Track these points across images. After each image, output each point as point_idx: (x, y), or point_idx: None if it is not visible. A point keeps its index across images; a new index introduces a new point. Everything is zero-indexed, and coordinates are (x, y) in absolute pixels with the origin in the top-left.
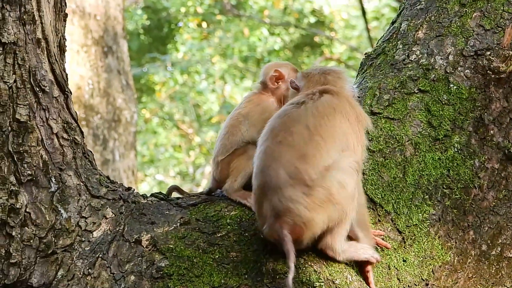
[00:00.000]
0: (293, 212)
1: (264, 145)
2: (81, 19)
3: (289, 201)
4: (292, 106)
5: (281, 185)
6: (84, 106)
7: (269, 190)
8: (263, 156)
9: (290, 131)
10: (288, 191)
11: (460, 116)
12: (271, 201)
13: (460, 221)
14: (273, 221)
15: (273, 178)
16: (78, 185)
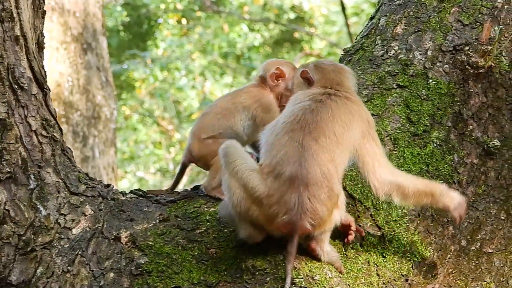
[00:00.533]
0: (317, 213)
1: (297, 135)
2: (60, 16)
3: (317, 201)
4: (317, 104)
5: (316, 183)
6: (64, 103)
7: (302, 183)
8: (300, 148)
9: (324, 133)
10: (319, 190)
11: (439, 111)
12: (300, 195)
13: (439, 216)
14: (298, 215)
15: (311, 173)
16: (57, 182)
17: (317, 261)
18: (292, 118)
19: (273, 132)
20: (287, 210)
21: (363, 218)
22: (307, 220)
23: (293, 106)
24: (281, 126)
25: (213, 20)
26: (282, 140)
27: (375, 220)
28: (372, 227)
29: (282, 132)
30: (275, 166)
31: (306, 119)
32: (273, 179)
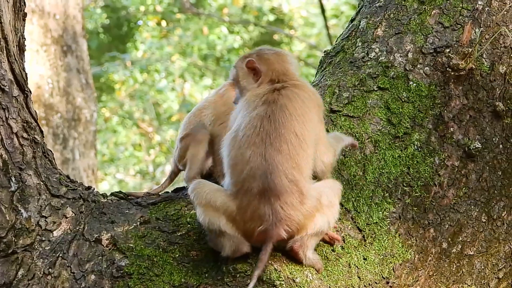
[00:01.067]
0: (292, 219)
1: (260, 148)
2: (40, 18)
3: (290, 207)
4: (272, 107)
5: (284, 192)
6: (44, 105)
7: (272, 194)
8: (264, 162)
9: (285, 140)
10: (289, 198)
11: (420, 114)
12: (273, 206)
13: (420, 219)
14: (273, 224)
15: (277, 184)
16: (38, 185)
17: (298, 264)
18: (251, 130)
19: (235, 146)
20: (262, 222)
21: (344, 221)
22: (282, 228)
23: (249, 115)
24: (242, 140)
25: (192, 22)
26: (245, 155)
27: (355, 223)
28: (353, 230)
29: (244, 146)
30: (243, 183)
31: (266, 129)
32: (243, 196)
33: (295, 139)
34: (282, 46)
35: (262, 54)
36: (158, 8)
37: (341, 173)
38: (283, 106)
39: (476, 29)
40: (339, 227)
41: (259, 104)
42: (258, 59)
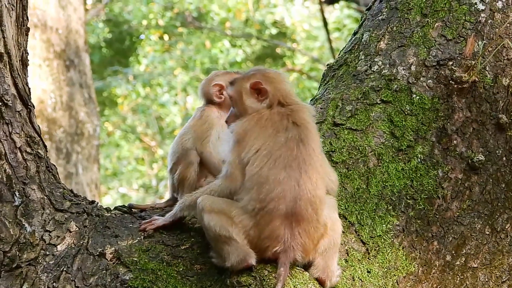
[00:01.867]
0: (305, 246)
1: (295, 173)
2: (43, 33)
3: (305, 235)
4: (297, 129)
5: (305, 219)
6: (47, 119)
7: (295, 220)
8: (297, 186)
9: (315, 167)
10: (307, 225)
11: (423, 127)
12: (292, 230)
13: (424, 231)
14: (291, 248)
15: (303, 211)
16: (42, 199)
17: (300, 275)
18: (288, 153)
19: (266, 165)
20: (278, 243)
21: (348, 234)
22: (297, 252)
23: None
24: (278, 161)
25: (195, 36)
26: (278, 176)
27: (359, 236)
28: (356, 243)
29: (279, 167)
30: (269, 202)
31: (303, 154)
32: (265, 214)
33: (320, 169)
34: (285, 59)
35: (267, 74)
36: (160, 22)
37: (345, 186)
38: (309, 130)
39: (479, 42)
40: (343, 240)
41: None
42: (264, 79)
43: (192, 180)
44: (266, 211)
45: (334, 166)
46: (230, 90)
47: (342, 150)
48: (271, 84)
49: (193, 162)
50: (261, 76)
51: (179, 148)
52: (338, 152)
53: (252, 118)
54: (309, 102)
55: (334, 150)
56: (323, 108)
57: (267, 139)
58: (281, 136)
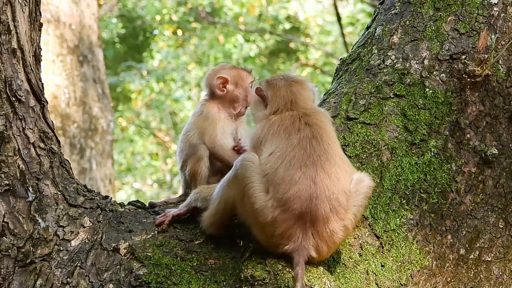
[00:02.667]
0: (318, 248)
1: (311, 170)
2: (56, 28)
3: (319, 238)
4: (309, 128)
5: (321, 220)
6: (61, 115)
7: (309, 220)
8: (313, 184)
9: (334, 161)
10: (322, 227)
11: (436, 120)
12: (305, 231)
13: (437, 225)
14: (302, 248)
15: (319, 211)
16: (56, 194)
17: (315, 269)
18: (301, 152)
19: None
20: (289, 242)
21: (361, 228)
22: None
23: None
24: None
25: (208, 31)
26: (294, 176)
27: (373, 230)
28: (370, 237)
29: (294, 167)
30: (286, 201)
31: (316, 150)
32: (281, 212)
33: (340, 162)
34: (298, 54)
35: (270, 81)
36: (174, 17)
37: None
38: (322, 129)
39: (492, 36)
40: (357, 234)
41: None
42: (266, 85)
43: (203, 174)
44: (282, 210)
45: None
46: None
47: (356, 144)
48: (273, 91)
49: (202, 157)
50: (266, 82)
51: (186, 145)
52: (351, 146)
53: (264, 125)
54: (323, 96)
55: (347, 144)
56: (336, 102)
57: (279, 142)
58: (294, 138)
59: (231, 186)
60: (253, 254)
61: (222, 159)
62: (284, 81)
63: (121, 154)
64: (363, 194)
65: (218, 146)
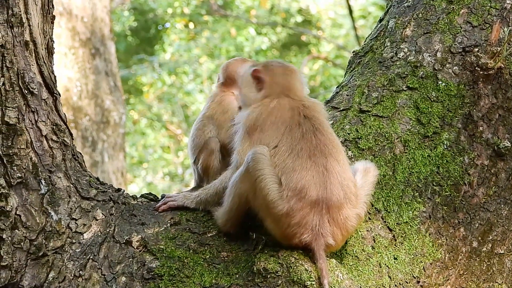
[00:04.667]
0: (334, 236)
1: (320, 159)
2: (68, 21)
3: (335, 224)
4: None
5: (336, 206)
6: (73, 108)
7: (325, 207)
8: (326, 171)
9: (340, 149)
10: (336, 214)
11: (449, 113)
12: (322, 218)
13: (450, 218)
14: (320, 235)
15: (334, 196)
16: (68, 187)
17: (327, 262)
18: (307, 144)
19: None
20: (307, 230)
21: (374, 220)
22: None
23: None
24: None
25: (220, 24)
26: (305, 165)
27: (386, 222)
28: (383, 229)
29: (304, 156)
30: (301, 189)
31: (322, 141)
32: (297, 200)
33: (343, 151)
34: (310, 47)
35: (268, 66)
36: (186, 10)
37: None
38: (321, 120)
39: (504, 28)
40: (369, 226)
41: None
42: (264, 69)
43: (215, 168)
44: (298, 198)
45: (360, 153)
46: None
47: (369, 137)
48: (271, 76)
49: (214, 150)
50: (263, 66)
51: (199, 139)
52: (364, 139)
53: (261, 112)
54: (335, 89)
55: (360, 137)
56: (349, 95)
57: (282, 137)
58: (296, 131)
59: (243, 181)
60: (266, 246)
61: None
62: (282, 68)
63: (133, 147)
64: (371, 183)
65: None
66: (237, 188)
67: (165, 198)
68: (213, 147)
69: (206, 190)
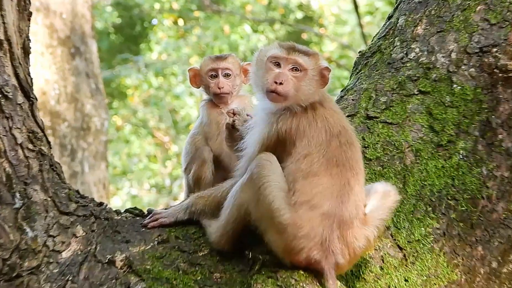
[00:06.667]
0: (343, 255)
1: (347, 173)
2: (45, 17)
3: (343, 244)
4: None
5: (347, 224)
6: (50, 113)
7: (336, 221)
8: (347, 186)
9: (356, 172)
10: (346, 232)
11: (465, 120)
12: (332, 233)
13: (467, 235)
14: (330, 252)
15: (347, 212)
16: (45, 201)
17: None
18: (337, 151)
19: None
20: (315, 245)
21: (383, 238)
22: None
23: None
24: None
25: (212, 20)
26: (330, 171)
27: (395, 240)
28: (392, 248)
29: (331, 163)
30: (314, 195)
31: (350, 157)
32: (307, 209)
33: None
34: (312, 46)
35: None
36: (175, 5)
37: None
38: (352, 134)
39: None
40: (378, 245)
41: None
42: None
43: (207, 180)
44: (309, 207)
45: (367, 164)
46: (305, 61)
47: (376, 146)
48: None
49: (207, 160)
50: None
51: (192, 148)
52: (371, 148)
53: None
54: (340, 93)
55: (367, 145)
56: (355, 99)
57: (321, 144)
58: (335, 140)
59: (245, 190)
60: (263, 267)
61: (228, 167)
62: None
63: (116, 156)
64: (388, 208)
65: (225, 153)
66: (237, 198)
67: (154, 214)
68: (205, 157)
69: (203, 199)
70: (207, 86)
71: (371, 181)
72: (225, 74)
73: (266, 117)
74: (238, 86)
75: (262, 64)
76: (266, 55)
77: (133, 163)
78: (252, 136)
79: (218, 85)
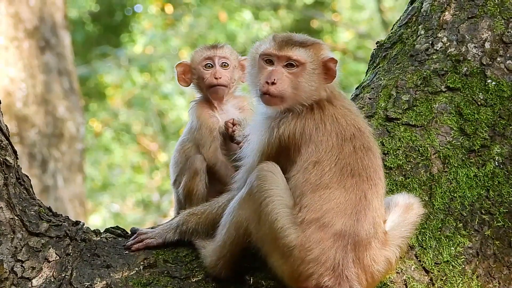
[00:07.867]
0: (375, 275)
1: (364, 185)
2: (9, 5)
3: (360, 267)
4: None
5: (363, 244)
6: (17, 117)
7: (351, 242)
8: (364, 200)
9: (375, 183)
10: (363, 254)
11: (501, 121)
12: (346, 255)
13: (504, 255)
14: (343, 278)
15: (364, 231)
16: (12, 220)
17: None
18: (351, 159)
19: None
20: (326, 271)
21: (406, 259)
22: (353, 284)
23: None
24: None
25: (206, 6)
26: (344, 183)
27: (421, 262)
28: (417, 271)
29: (345, 175)
30: (325, 212)
31: (368, 166)
32: (316, 229)
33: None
34: (323, 35)
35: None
36: None
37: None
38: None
39: None
40: (400, 267)
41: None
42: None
43: (200, 193)
44: (318, 226)
45: (387, 173)
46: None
47: (398, 152)
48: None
49: (199, 171)
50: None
51: (182, 157)
52: (392, 154)
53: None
54: (355, 90)
55: (387, 152)
56: (372, 98)
57: (331, 149)
58: (349, 145)
59: (243, 206)
60: None
61: (225, 179)
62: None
63: (95, 166)
64: (411, 223)
65: (220, 163)
66: (235, 216)
67: (139, 234)
68: (197, 167)
69: (196, 217)
70: (200, 79)
71: (392, 193)
72: (223, 63)
73: (266, 121)
74: (236, 81)
75: (255, 62)
76: (258, 52)
77: (114, 175)
78: (251, 144)
79: (215, 75)
